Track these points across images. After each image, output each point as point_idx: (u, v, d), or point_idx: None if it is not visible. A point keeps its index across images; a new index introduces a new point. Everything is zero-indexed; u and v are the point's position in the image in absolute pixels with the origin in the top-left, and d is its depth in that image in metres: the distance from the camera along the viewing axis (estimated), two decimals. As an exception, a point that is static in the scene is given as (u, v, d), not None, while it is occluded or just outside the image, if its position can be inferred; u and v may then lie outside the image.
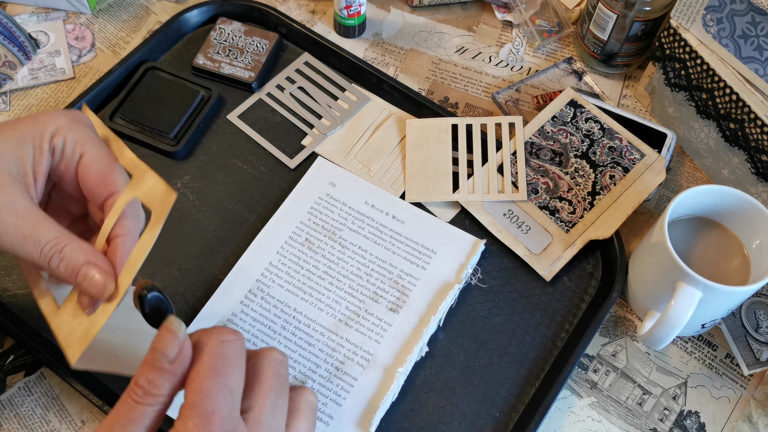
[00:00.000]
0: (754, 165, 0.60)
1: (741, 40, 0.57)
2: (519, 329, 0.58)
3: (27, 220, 0.40)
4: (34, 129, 0.42)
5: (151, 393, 0.36)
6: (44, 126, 0.42)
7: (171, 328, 0.37)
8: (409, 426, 0.53)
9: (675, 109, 0.67)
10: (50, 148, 0.42)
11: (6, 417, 0.53)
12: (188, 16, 0.71)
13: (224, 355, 0.37)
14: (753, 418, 0.56)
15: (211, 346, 0.37)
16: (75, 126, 0.43)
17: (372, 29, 0.75)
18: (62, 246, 0.40)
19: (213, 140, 0.66)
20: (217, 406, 0.36)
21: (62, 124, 0.42)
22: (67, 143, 0.42)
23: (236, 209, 0.62)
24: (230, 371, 0.37)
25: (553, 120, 0.65)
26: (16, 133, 0.41)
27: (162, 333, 0.37)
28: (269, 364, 0.40)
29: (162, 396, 0.36)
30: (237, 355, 0.38)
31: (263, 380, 0.39)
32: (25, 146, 0.41)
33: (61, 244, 0.40)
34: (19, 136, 0.41)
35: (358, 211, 0.62)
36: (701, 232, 0.57)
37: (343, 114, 0.67)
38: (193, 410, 0.35)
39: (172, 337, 0.37)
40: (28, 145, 0.41)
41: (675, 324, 0.51)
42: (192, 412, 0.35)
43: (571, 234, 0.61)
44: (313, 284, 0.58)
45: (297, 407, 0.41)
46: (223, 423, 0.36)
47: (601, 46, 0.70)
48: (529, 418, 0.53)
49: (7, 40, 0.70)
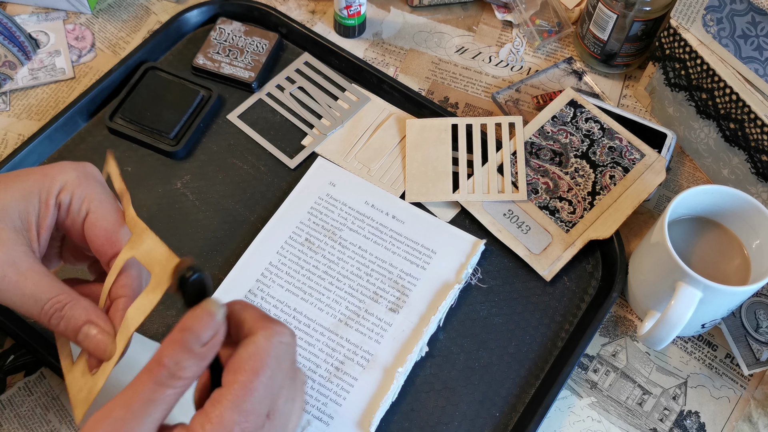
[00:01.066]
0: (754, 165, 0.60)
1: (741, 40, 0.57)
2: (519, 329, 0.58)
3: (28, 278, 0.40)
4: (42, 183, 0.42)
5: (176, 375, 0.34)
6: (52, 181, 0.42)
7: (210, 309, 0.35)
8: (409, 426, 0.53)
9: (675, 109, 0.67)
10: (56, 204, 0.42)
11: (6, 417, 0.53)
12: (188, 16, 0.71)
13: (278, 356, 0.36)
14: (753, 418, 0.56)
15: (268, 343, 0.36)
16: (84, 182, 0.42)
17: (372, 29, 0.75)
18: (63, 304, 0.40)
19: (213, 140, 0.66)
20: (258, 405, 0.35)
21: (71, 179, 0.42)
22: (74, 200, 0.42)
23: (236, 209, 0.62)
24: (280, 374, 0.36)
25: (553, 120, 0.65)
26: (23, 186, 0.41)
27: (198, 313, 0.35)
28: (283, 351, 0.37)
29: (187, 379, 0.35)
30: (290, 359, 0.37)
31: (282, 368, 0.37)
32: (32, 200, 0.41)
33: (61, 303, 0.40)
34: (26, 189, 0.41)
35: (358, 211, 0.62)
36: (701, 232, 0.57)
37: (343, 114, 0.67)
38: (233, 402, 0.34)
39: (208, 319, 0.35)
40: (35, 198, 0.41)
41: (675, 324, 0.51)
42: (230, 405, 0.34)
43: (571, 234, 0.61)
44: (313, 284, 0.58)
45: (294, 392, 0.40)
46: (255, 421, 0.35)
47: (601, 46, 0.70)
48: (529, 418, 0.53)
49: (7, 40, 0.70)
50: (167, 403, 0.34)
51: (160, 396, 0.34)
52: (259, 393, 0.35)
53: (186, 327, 0.35)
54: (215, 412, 0.34)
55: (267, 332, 0.36)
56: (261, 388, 0.35)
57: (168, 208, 0.62)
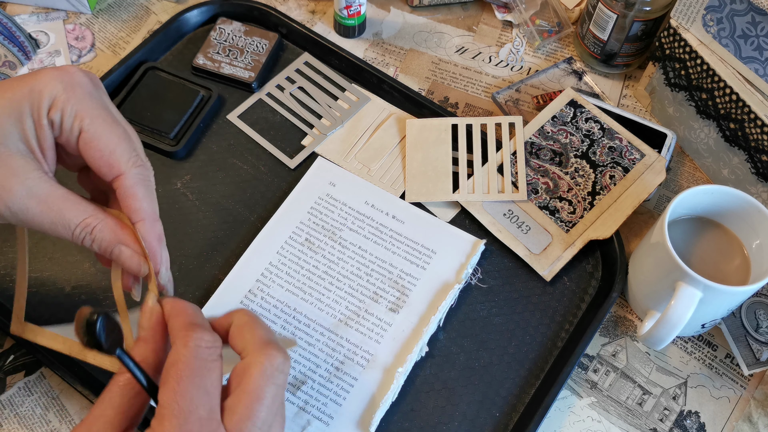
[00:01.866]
0: (754, 165, 0.60)
1: (741, 40, 0.57)
2: (519, 329, 0.58)
3: (51, 205, 0.39)
4: (30, 99, 0.39)
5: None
6: (40, 96, 0.39)
7: None
8: (409, 426, 0.53)
9: (675, 109, 0.67)
10: (49, 123, 0.40)
11: (6, 417, 0.53)
12: (188, 16, 0.71)
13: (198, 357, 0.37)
14: (753, 418, 0.56)
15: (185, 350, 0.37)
16: (72, 95, 0.40)
17: (372, 29, 0.75)
18: (92, 227, 0.40)
19: (213, 140, 0.66)
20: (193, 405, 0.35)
21: (58, 92, 0.39)
22: (65, 118, 0.40)
23: (236, 209, 0.62)
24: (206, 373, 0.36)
25: (553, 120, 0.66)
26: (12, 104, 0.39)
27: None
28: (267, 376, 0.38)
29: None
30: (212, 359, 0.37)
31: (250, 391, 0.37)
32: (25, 120, 0.39)
33: (90, 226, 0.40)
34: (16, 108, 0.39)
35: (358, 211, 0.62)
36: (701, 232, 0.57)
37: (343, 114, 0.67)
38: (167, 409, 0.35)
39: None
40: (27, 118, 0.39)
41: (675, 324, 0.51)
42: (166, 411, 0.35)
43: (571, 234, 0.61)
44: (313, 284, 0.58)
45: None
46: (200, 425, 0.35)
47: (601, 46, 0.70)
48: (529, 418, 0.53)
49: (7, 40, 0.70)
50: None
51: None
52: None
53: None
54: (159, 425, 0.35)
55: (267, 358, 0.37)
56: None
57: (168, 208, 0.62)
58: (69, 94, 0.40)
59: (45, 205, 0.39)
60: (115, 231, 0.40)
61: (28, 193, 0.38)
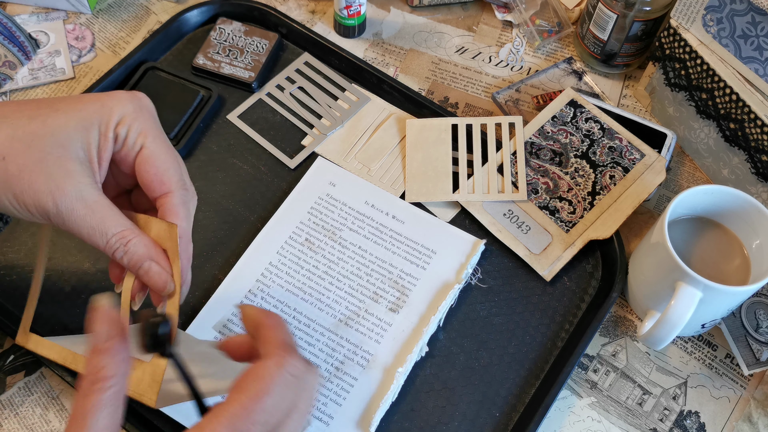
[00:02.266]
0: (754, 165, 0.60)
1: (741, 40, 0.57)
2: (519, 329, 0.58)
3: (95, 211, 0.41)
4: (101, 114, 0.42)
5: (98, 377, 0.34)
6: (110, 112, 0.42)
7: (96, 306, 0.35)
8: (409, 426, 0.53)
9: (675, 109, 0.67)
10: (114, 136, 0.42)
11: (6, 417, 0.53)
12: (188, 16, 0.71)
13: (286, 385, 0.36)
14: (753, 418, 0.56)
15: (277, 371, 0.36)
16: (140, 115, 0.43)
17: (372, 29, 0.75)
18: (127, 240, 0.41)
19: (213, 140, 0.66)
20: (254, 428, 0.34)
21: (128, 111, 0.43)
22: (131, 133, 0.43)
23: (236, 209, 0.62)
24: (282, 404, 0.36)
25: (553, 120, 0.66)
26: (83, 115, 0.42)
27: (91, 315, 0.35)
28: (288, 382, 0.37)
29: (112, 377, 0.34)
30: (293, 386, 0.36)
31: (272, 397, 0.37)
32: (92, 130, 0.42)
33: (126, 238, 0.41)
34: (86, 119, 0.42)
35: (358, 211, 0.62)
36: (701, 232, 0.57)
37: (343, 114, 0.67)
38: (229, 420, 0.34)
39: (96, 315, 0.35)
40: (95, 129, 0.42)
41: (675, 324, 0.51)
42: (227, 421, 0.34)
43: (571, 234, 0.61)
44: (313, 284, 0.58)
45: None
46: None
47: (601, 46, 0.70)
48: (529, 418, 0.53)
49: (7, 40, 0.70)
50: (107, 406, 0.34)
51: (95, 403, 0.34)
52: (257, 416, 0.35)
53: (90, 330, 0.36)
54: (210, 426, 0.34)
55: (279, 359, 0.36)
56: (260, 412, 0.35)
57: (168, 208, 0.62)
58: (137, 114, 0.43)
59: (90, 210, 0.41)
60: (149, 247, 0.42)
61: (77, 196, 0.40)
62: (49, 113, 0.42)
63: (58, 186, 0.40)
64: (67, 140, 0.41)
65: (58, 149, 0.40)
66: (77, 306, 0.57)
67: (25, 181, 0.40)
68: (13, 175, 0.40)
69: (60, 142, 0.41)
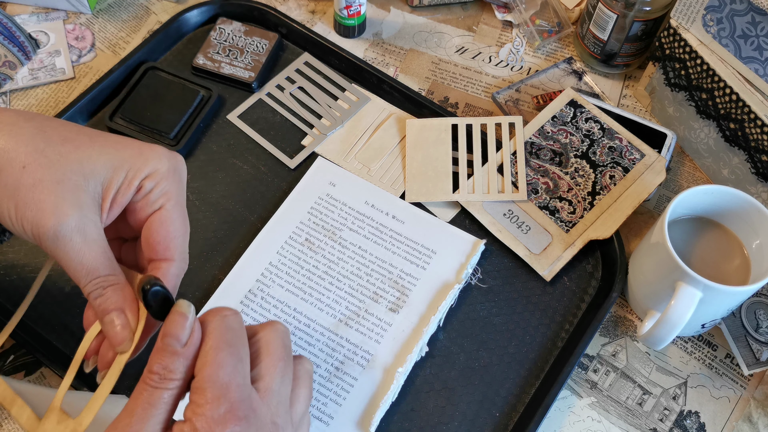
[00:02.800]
0: (754, 165, 0.60)
1: (741, 40, 0.57)
2: (519, 329, 0.58)
3: (91, 249, 0.40)
4: (134, 161, 0.42)
5: (166, 377, 0.37)
6: (144, 162, 0.43)
7: (181, 311, 0.38)
8: (409, 426, 0.53)
9: (675, 109, 0.67)
10: (138, 186, 0.43)
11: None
12: (188, 16, 0.71)
13: (230, 327, 0.39)
14: (753, 418, 0.56)
15: (215, 322, 0.39)
16: (171, 177, 0.43)
17: (372, 29, 0.75)
18: (108, 284, 0.41)
19: (213, 140, 0.66)
20: (232, 375, 0.37)
21: (161, 169, 0.43)
22: (155, 189, 0.43)
23: (236, 209, 0.62)
24: (238, 342, 0.38)
25: (553, 120, 0.66)
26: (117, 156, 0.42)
27: (172, 317, 0.38)
28: (275, 335, 0.41)
29: (177, 380, 0.37)
30: (240, 327, 0.39)
31: (271, 351, 0.40)
32: (118, 173, 0.42)
33: (108, 282, 0.41)
34: (117, 160, 0.42)
35: (358, 211, 0.62)
36: (701, 232, 0.57)
37: (343, 114, 0.67)
38: (210, 382, 0.36)
39: (182, 320, 0.38)
40: (122, 173, 0.42)
41: (675, 324, 0.51)
42: (209, 384, 0.36)
43: (571, 234, 0.61)
44: (313, 284, 0.58)
45: (297, 375, 0.42)
46: (239, 391, 0.37)
47: (601, 46, 0.70)
48: (529, 418, 0.53)
49: (7, 40, 0.70)
50: (166, 404, 0.37)
51: (157, 398, 0.37)
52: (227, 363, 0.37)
53: (165, 333, 0.38)
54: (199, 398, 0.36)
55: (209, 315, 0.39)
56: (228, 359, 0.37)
57: (168, 208, 0.62)
58: (169, 174, 0.43)
59: (86, 246, 0.40)
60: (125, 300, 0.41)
61: (79, 228, 0.40)
62: (84, 141, 0.42)
63: (65, 212, 0.40)
64: (90, 173, 0.41)
65: (78, 177, 0.40)
66: (77, 306, 0.57)
67: (35, 195, 0.40)
68: (26, 185, 0.40)
69: (83, 171, 0.41)
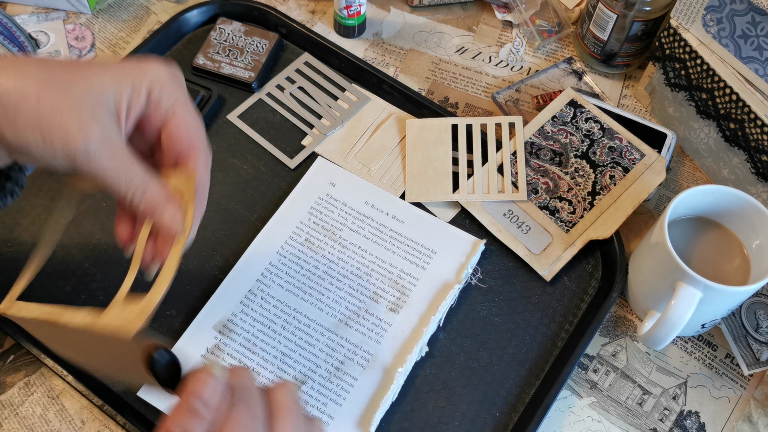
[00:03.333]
0: (754, 165, 0.60)
1: (741, 40, 0.57)
2: (519, 329, 0.58)
3: (123, 157, 0.42)
4: (137, 74, 0.43)
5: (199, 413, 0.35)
6: (146, 73, 0.44)
7: (211, 371, 0.37)
8: (409, 426, 0.53)
9: (675, 109, 0.67)
10: (147, 95, 0.44)
11: (6, 417, 0.53)
12: (188, 16, 0.72)
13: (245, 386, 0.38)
14: (753, 418, 0.56)
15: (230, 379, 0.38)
16: (174, 83, 0.44)
17: (372, 29, 0.75)
18: (147, 185, 0.43)
19: (213, 140, 0.66)
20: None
21: (163, 77, 0.44)
22: (164, 98, 0.44)
23: (236, 209, 0.62)
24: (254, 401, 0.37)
25: (553, 120, 0.66)
26: (120, 73, 0.43)
27: (200, 375, 0.36)
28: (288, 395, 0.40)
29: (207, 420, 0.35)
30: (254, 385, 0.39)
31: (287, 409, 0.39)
32: (125, 86, 0.43)
33: (146, 183, 0.43)
34: (121, 76, 0.43)
35: (358, 211, 0.62)
36: (701, 232, 0.57)
37: (343, 114, 0.67)
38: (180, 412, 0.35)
39: (212, 381, 0.36)
40: (128, 85, 0.43)
41: (675, 324, 0.51)
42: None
43: (571, 234, 0.61)
44: (313, 284, 0.58)
45: None
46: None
47: (601, 46, 0.70)
48: (529, 418, 0.53)
49: (7, 40, 0.70)
50: None
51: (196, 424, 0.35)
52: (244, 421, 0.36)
53: (190, 390, 0.36)
54: None
55: None
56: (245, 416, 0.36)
57: (168, 208, 0.62)
58: (171, 78, 0.44)
59: (117, 155, 0.42)
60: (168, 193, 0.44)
61: (104, 140, 0.41)
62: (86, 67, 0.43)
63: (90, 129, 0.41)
64: (101, 91, 0.42)
65: (92, 97, 0.41)
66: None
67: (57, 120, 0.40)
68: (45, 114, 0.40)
69: (94, 91, 0.41)
